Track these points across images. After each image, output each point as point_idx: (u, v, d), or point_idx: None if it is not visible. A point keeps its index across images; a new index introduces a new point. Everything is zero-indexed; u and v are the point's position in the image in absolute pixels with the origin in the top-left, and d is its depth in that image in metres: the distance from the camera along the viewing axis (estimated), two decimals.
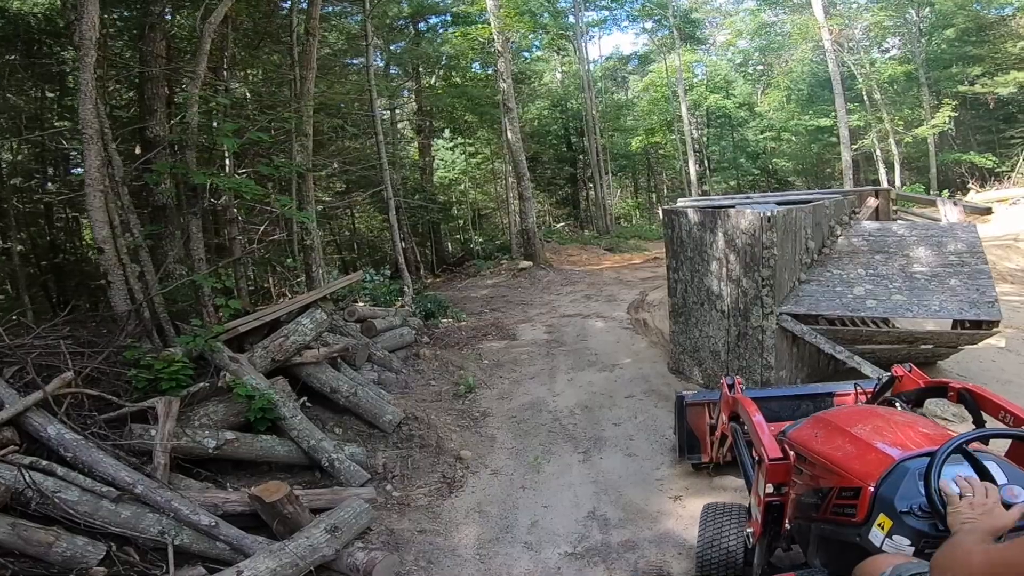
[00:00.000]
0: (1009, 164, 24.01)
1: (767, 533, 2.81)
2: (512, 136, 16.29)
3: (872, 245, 6.78)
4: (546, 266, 15.86)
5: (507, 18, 16.08)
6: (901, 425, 2.55)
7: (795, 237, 6.29)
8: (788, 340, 6.16)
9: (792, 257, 6.27)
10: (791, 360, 6.30)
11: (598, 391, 7.11)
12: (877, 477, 2.14)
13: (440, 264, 20.74)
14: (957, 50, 24.64)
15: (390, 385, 7.34)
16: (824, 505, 2.37)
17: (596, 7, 28.00)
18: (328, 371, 6.20)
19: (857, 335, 6.38)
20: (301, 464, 5.32)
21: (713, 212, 6.53)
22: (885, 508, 2.05)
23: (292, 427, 5.25)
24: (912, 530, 1.94)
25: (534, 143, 27.38)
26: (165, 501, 3.99)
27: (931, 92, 25.50)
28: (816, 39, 25.19)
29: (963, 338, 6.01)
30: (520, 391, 7.43)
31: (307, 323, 6.06)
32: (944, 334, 6.12)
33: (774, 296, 5.90)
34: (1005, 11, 24.46)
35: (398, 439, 6.06)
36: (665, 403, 6.59)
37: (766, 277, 5.87)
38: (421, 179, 21.20)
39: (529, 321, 10.54)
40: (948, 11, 23.98)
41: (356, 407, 6.01)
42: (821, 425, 2.74)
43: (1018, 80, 22.06)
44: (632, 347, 8.48)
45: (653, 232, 25.12)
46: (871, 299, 6.13)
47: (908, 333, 6.38)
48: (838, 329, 6.33)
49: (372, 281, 11.75)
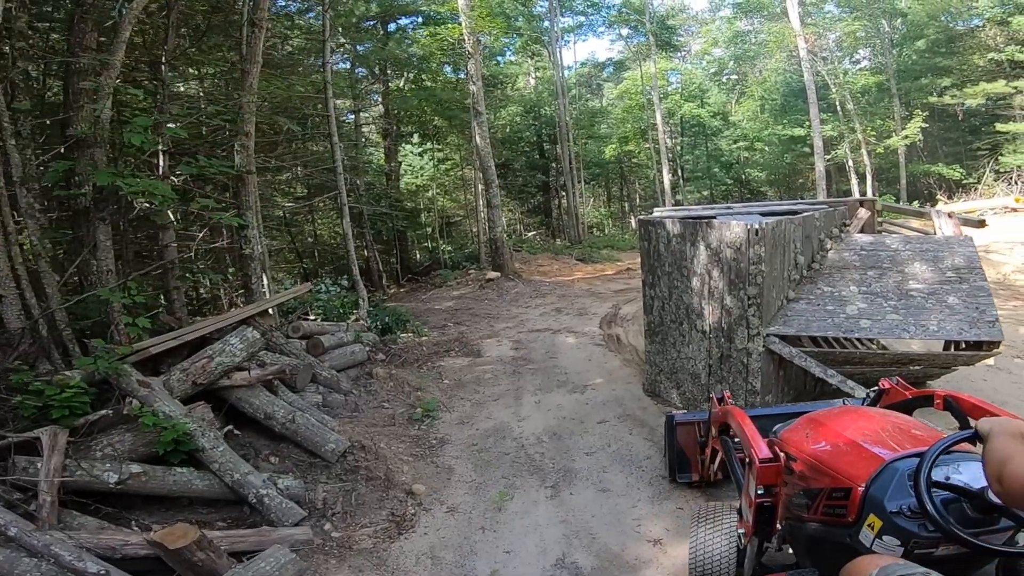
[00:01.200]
0: (976, 176, 24.17)
1: (758, 534, 2.77)
2: (481, 141, 15.60)
3: (865, 260, 6.34)
4: (515, 277, 15.20)
5: (479, 19, 15.44)
6: (891, 426, 2.54)
7: (784, 252, 5.82)
8: (775, 363, 5.62)
9: (780, 273, 5.79)
10: (777, 383, 5.76)
11: (568, 415, 6.46)
12: (867, 478, 2.13)
13: (406, 273, 19.95)
14: (927, 61, 24.86)
15: (337, 408, 6.61)
16: (814, 506, 2.36)
17: (572, 12, 27.62)
18: (262, 395, 5.49)
19: (849, 357, 5.85)
20: (227, 499, 4.61)
21: (694, 223, 5.94)
22: (875, 509, 2.04)
23: (212, 459, 4.56)
24: (902, 531, 1.93)
25: (506, 149, 26.80)
26: (43, 546, 3.29)
27: (902, 103, 25.64)
28: (791, 47, 25.15)
29: (960, 359, 5.57)
30: (483, 415, 6.74)
31: (236, 343, 5.32)
32: (940, 356, 5.64)
33: (761, 317, 5.36)
34: (973, 22, 24.71)
35: (342, 470, 5.35)
36: (640, 429, 5.98)
37: (753, 296, 5.34)
38: (386, 185, 20.40)
39: (495, 336, 9.87)
40: (920, 22, 24.12)
41: (294, 435, 5.32)
42: (811, 426, 2.74)
43: (986, 91, 22.19)
44: (605, 365, 7.86)
45: (626, 242, 24.69)
46: (865, 319, 5.66)
47: (903, 355, 5.86)
48: (828, 352, 5.77)
49: (327, 292, 10.98)
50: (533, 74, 31.64)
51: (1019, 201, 20.01)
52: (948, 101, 23.66)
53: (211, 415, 5.04)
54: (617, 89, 32.79)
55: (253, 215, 7.51)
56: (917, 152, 26.52)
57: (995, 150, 24.03)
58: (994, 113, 24.08)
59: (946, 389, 2.91)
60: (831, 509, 2.27)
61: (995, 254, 14.99)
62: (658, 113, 26.85)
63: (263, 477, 4.67)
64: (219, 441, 4.74)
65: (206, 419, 4.92)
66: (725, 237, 5.50)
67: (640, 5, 27.00)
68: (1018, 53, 21.31)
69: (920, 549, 1.89)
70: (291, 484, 4.78)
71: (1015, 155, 22.56)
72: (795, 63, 26.67)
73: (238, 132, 7.24)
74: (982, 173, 24.00)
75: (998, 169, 23.71)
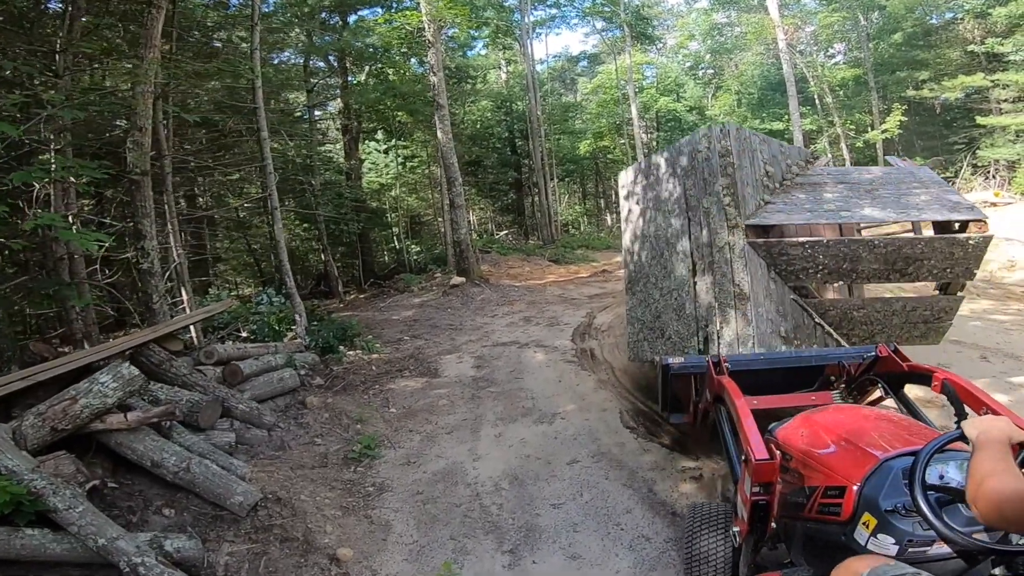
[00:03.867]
0: (953, 171, 23.77)
1: (753, 532, 2.75)
2: (443, 136, 14.37)
3: (835, 178, 6.40)
4: (482, 282, 14.07)
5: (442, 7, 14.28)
6: (885, 425, 2.60)
7: (752, 156, 5.97)
8: (762, 269, 5.42)
9: (751, 174, 5.82)
10: (769, 298, 5.42)
11: (533, 453, 5.44)
12: (862, 476, 2.16)
13: (369, 277, 18.76)
14: (905, 54, 24.47)
15: (258, 446, 5.53)
16: (809, 504, 2.38)
17: (545, 5, 26.58)
18: (149, 439, 4.43)
19: (848, 307, 5.85)
20: (100, 562, 3.65)
21: (672, 148, 6.26)
22: (870, 507, 2.06)
23: (69, 521, 3.61)
24: (897, 529, 1.96)
25: (476, 146, 25.69)
26: None
27: (880, 97, 25.16)
28: (770, 40, 24.50)
29: (956, 250, 5.43)
30: (433, 452, 5.69)
31: (108, 380, 4.23)
32: (936, 243, 5.44)
33: (738, 209, 5.35)
34: (946, 16, 24.34)
35: (252, 527, 4.34)
36: (618, 472, 4.99)
37: (726, 186, 5.41)
38: (346, 183, 19.15)
39: (456, 351, 8.80)
40: (897, 15, 23.64)
41: (191, 485, 4.33)
42: (807, 424, 2.80)
43: (965, 84, 21.74)
44: (577, 388, 6.84)
45: (602, 241, 23.80)
46: (844, 211, 5.75)
47: (904, 241, 5.61)
48: (828, 304, 5.87)
49: (270, 304, 9.82)
50: (504, 68, 30.48)
51: (998, 195, 19.55)
52: (926, 94, 23.23)
53: (74, 467, 4.02)
54: (592, 83, 31.93)
55: (150, 224, 6.33)
56: (894, 146, 26.11)
57: (972, 144, 23.69)
58: (969, 107, 23.76)
59: (946, 371, 2.89)
60: (826, 507, 2.28)
61: None
62: (633, 107, 26.01)
63: (140, 541, 3.68)
64: (78, 500, 3.74)
65: (64, 473, 3.91)
66: (696, 142, 5.76)
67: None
68: (998, 45, 20.85)
69: (915, 548, 1.91)
70: (184, 545, 3.83)
71: (992, 149, 22.19)
72: (772, 56, 26.07)
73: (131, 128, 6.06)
74: (959, 167, 23.61)
75: (975, 163, 23.35)
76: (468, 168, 25.58)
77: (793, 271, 5.51)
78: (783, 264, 5.49)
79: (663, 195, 6.16)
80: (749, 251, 5.29)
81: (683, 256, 5.81)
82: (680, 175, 5.90)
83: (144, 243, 6.26)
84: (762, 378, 3.94)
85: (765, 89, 27.80)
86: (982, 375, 6.15)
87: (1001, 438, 1.61)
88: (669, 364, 4.43)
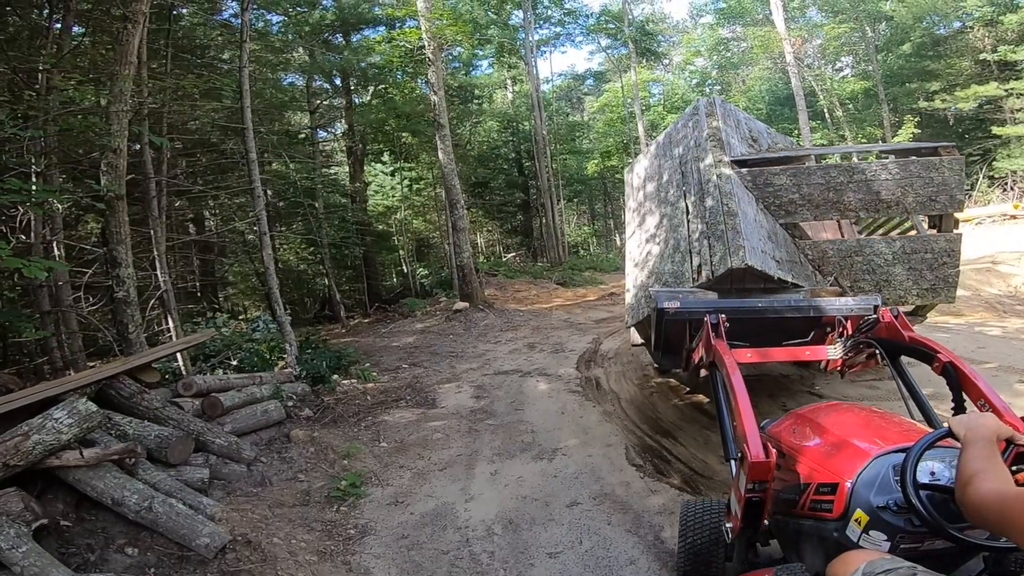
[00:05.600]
0: (968, 183, 23.19)
1: (747, 529, 2.71)
2: (444, 157, 14.00)
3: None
4: (486, 307, 13.64)
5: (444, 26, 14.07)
6: (877, 421, 2.62)
7: (737, 122, 6.50)
8: (751, 201, 5.58)
9: (736, 133, 6.30)
10: (759, 226, 5.43)
11: (530, 494, 5.01)
12: (854, 473, 2.17)
13: (375, 301, 18.43)
14: (915, 65, 24.10)
15: (235, 482, 5.15)
16: (802, 501, 2.39)
17: (550, 23, 26.52)
18: (110, 476, 4.12)
19: (847, 250, 5.85)
20: None
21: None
22: (862, 504, 2.07)
23: (12, 562, 3.35)
24: (889, 525, 1.97)
25: (483, 167, 25.48)
26: None
27: (891, 109, 24.74)
28: (776, 53, 24.26)
29: (934, 175, 5.61)
30: (423, 491, 5.27)
31: (63, 417, 3.91)
32: (915, 177, 5.63)
33: (723, 150, 5.74)
34: (955, 25, 23.98)
35: (219, 570, 3.94)
36: (622, 516, 4.54)
37: (714, 129, 5.84)
38: (351, 206, 18.93)
39: (455, 380, 8.40)
40: (905, 25, 23.31)
41: (153, 525, 4.00)
42: (799, 421, 2.84)
43: (978, 94, 21.26)
44: (580, 420, 6.41)
45: (610, 262, 23.36)
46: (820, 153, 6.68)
47: (900, 240, 5.83)
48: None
49: (266, 330, 9.51)
50: (510, 87, 30.33)
51: (1018, 208, 18.96)
52: (938, 105, 22.77)
53: (22, 504, 3.71)
54: (598, 102, 31.77)
55: (126, 251, 6.01)
56: None
57: (987, 155, 23.15)
58: (983, 117, 23.27)
59: (952, 352, 2.80)
60: (818, 504, 2.29)
61: (1003, 265, 13.79)
62: (640, 125, 25.76)
63: None
64: (23, 540, 3.47)
65: (11, 511, 3.61)
66: (687, 112, 6.68)
67: (619, 12, 26.04)
68: (1010, 53, 20.39)
69: (906, 544, 1.93)
70: None
71: (1009, 160, 21.63)
72: (779, 71, 25.78)
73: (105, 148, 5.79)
74: (975, 180, 23.04)
75: (991, 175, 22.79)
76: (475, 190, 25.35)
77: (780, 204, 5.72)
78: (770, 197, 5.73)
79: (662, 164, 6.73)
80: (735, 179, 5.55)
81: (673, 208, 6.11)
82: (673, 152, 6.50)
83: (119, 271, 5.94)
84: (754, 322, 3.97)
85: (773, 104, 27.52)
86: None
87: (987, 436, 1.63)
88: (664, 309, 4.33)
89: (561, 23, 26.66)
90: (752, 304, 4.30)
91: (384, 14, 17.91)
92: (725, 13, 28.21)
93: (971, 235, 18.05)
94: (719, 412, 3.36)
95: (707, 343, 3.68)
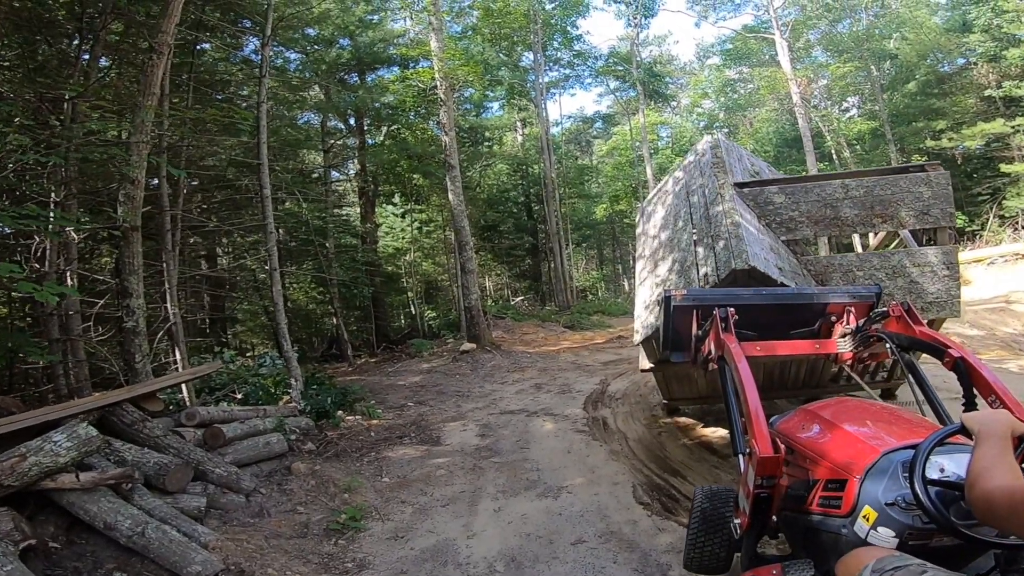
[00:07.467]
0: (979, 223, 23.08)
1: (755, 524, 2.69)
2: (454, 198, 14.16)
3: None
4: (493, 348, 13.58)
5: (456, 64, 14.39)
6: (886, 417, 2.64)
7: (740, 157, 6.96)
8: (753, 216, 5.79)
9: (739, 165, 6.68)
10: (763, 236, 5.61)
11: (534, 532, 4.87)
12: (863, 469, 2.16)
13: (383, 341, 18.41)
14: (920, 103, 24.21)
15: (233, 512, 5.07)
16: (810, 497, 2.39)
17: (559, 66, 27.08)
18: (105, 500, 4.09)
19: (848, 264, 5.99)
20: None
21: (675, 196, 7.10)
22: (870, 500, 2.06)
23: None
24: (897, 522, 1.95)
25: (492, 210, 25.68)
26: None
27: (898, 149, 24.84)
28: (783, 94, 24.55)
29: (923, 189, 5.92)
30: (424, 527, 5.15)
31: (62, 440, 3.90)
32: (906, 192, 5.93)
33: (727, 174, 6.11)
34: (959, 62, 24.20)
35: None
36: (629, 555, 4.39)
37: (717, 158, 6.30)
38: (361, 247, 19.07)
39: (461, 419, 8.30)
40: (910, 63, 23.52)
41: (145, 551, 3.95)
42: (808, 417, 2.86)
43: (984, 131, 21.27)
44: (587, 460, 6.28)
45: (618, 307, 23.28)
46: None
47: (898, 252, 5.98)
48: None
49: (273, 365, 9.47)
50: (520, 130, 30.76)
51: None
52: (945, 144, 22.76)
53: (12, 524, 3.68)
54: (607, 145, 32.12)
55: (138, 282, 6.06)
56: None
57: (996, 194, 23.03)
58: (991, 155, 23.23)
59: (963, 348, 2.73)
60: (827, 500, 2.31)
61: (1018, 304, 13.66)
62: (648, 169, 25.97)
63: None
64: (8, 559, 3.44)
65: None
66: (694, 149, 7.25)
67: (627, 54, 26.56)
68: (1015, 89, 20.49)
69: (915, 541, 1.90)
70: None
71: (1019, 198, 21.49)
72: (786, 112, 26.07)
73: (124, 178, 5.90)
74: (986, 219, 22.89)
75: (1002, 214, 22.65)
76: (484, 233, 25.49)
77: (781, 222, 5.94)
78: (771, 215, 5.97)
79: (668, 200, 7.09)
80: (737, 197, 5.82)
81: (687, 231, 6.24)
82: (679, 189, 6.85)
83: (129, 301, 5.97)
84: (759, 314, 3.93)
85: (781, 146, 27.71)
86: None
87: (1002, 432, 1.60)
88: (671, 296, 4.29)
89: (571, 65, 27.20)
90: (757, 292, 4.29)
91: (399, 54, 18.40)
92: (731, 54, 28.80)
93: (983, 275, 17.97)
94: (727, 407, 3.35)
95: (716, 337, 3.68)
